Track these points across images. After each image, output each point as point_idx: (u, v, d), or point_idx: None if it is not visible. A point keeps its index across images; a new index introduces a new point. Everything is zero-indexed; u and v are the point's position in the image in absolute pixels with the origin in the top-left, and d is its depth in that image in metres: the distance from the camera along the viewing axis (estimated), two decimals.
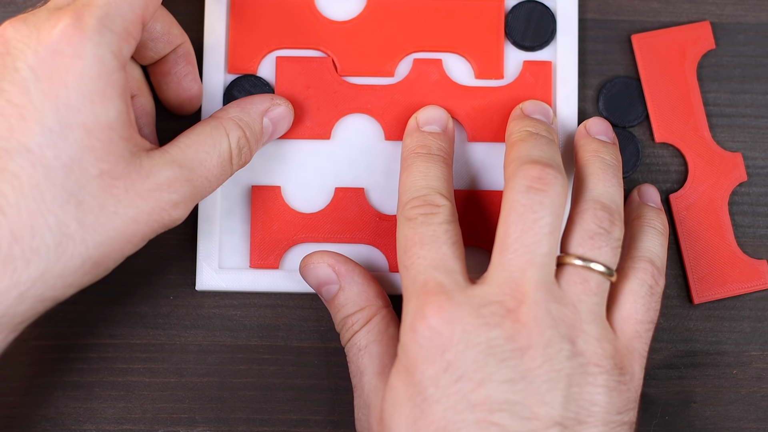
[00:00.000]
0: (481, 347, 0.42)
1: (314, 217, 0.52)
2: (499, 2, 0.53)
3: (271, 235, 0.52)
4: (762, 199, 0.53)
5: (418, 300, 0.43)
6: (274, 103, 0.50)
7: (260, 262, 0.52)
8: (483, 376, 0.42)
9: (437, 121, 0.50)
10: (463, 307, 0.43)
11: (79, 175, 0.42)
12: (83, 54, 0.42)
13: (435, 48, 0.53)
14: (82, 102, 0.42)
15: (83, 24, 0.42)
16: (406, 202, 0.46)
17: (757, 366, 0.53)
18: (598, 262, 0.45)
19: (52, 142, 0.42)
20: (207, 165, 0.46)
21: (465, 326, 0.42)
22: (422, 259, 0.44)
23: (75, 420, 0.52)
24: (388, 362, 0.46)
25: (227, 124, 0.47)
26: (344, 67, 0.53)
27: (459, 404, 0.42)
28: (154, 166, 0.44)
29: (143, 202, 0.44)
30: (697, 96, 0.53)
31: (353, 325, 0.48)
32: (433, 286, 0.43)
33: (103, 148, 0.42)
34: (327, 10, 0.53)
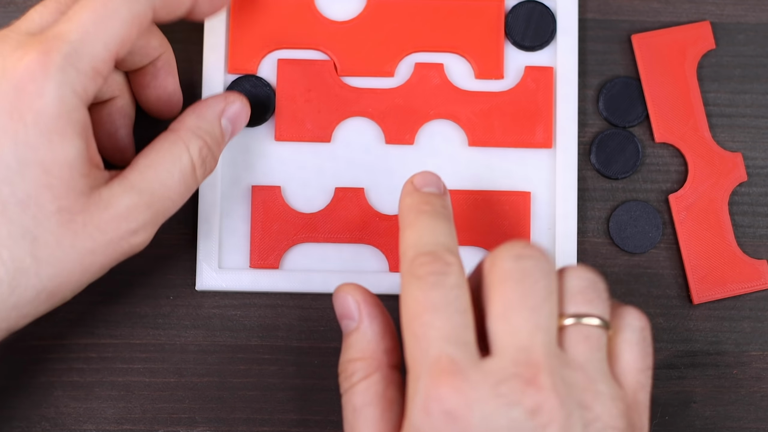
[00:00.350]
0: (503, 430, 0.39)
1: (314, 217, 0.52)
2: (499, 2, 0.53)
3: (271, 236, 0.52)
4: (762, 199, 0.53)
5: (431, 378, 0.40)
6: (228, 102, 0.48)
7: (260, 262, 0.52)
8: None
9: (435, 185, 0.47)
10: (480, 387, 0.40)
11: (36, 212, 0.42)
12: (44, 93, 0.41)
13: (435, 48, 0.53)
14: (40, 141, 0.41)
15: (48, 60, 0.41)
16: (414, 258, 0.43)
17: (757, 366, 0.53)
18: (593, 315, 0.42)
19: (9, 178, 0.41)
20: (168, 184, 0.45)
21: (484, 409, 0.40)
22: (434, 329, 0.41)
23: (75, 420, 0.52)
24: (383, 428, 0.43)
25: (186, 137, 0.46)
26: (344, 68, 0.53)
27: None
28: (113, 196, 0.43)
29: (101, 234, 0.43)
30: (697, 96, 0.53)
31: (352, 374, 0.44)
32: (446, 364, 0.40)
33: (61, 186, 0.42)
34: (327, 10, 0.53)
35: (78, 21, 0.43)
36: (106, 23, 0.43)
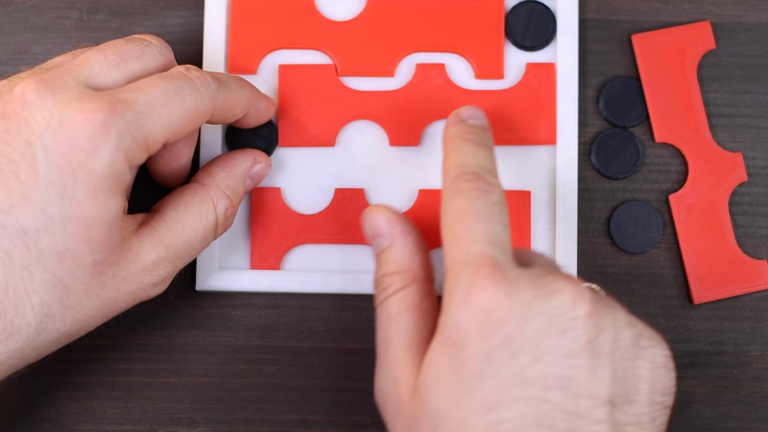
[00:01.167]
0: (543, 318, 0.41)
1: (314, 219, 0.52)
2: (499, 2, 0.53)
3: (272, 237, 0.52)
4: (762, 199, 0.53)
5: (474, 271, 0.41)
6: (256, 162, 0.50)
7: (261, 263, 0.52)
8: (542, 350, 0.41)
9: (479, 119, 0.49)
10: (521, 280, 0.41)
11: (71, 263, 0.42)
12: (100, 154, 0.42)
13: (435, 48, 0.53)
14: (87, 198, 0.42)
15: (111, 122, 0.42)
16: (458, 176, 0.45)
17: (757, 366, 0.53)
18: None
19: (50, 229, 0.42)
20: (192, 242, 0.46)
21: (525, 298, 0.41)
22: (477, 232, 0.43)
23: (75, 420, 0.52)
24: (417, 336, 0.45)
25: (215, 195, 0.47)
26: (344, 68, 0.53)
27: (512, 380, 0.41)
28: (142, 249, 0.44)
29: (126, 285, 0.44)
30: (697, 96, 0.53)
31: (388, 286, 0.46)
32: (488, 261, 0.42)
33: (99, 241, 0.42)
34: (327, 10, 0.53)
35: (147, 94, 0.43)
36: (170, 107, 0.44)
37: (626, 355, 0.42)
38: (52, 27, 0.54)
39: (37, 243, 0.42)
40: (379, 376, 0.46)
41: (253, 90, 0.49)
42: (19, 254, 0.41)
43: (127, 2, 0.54)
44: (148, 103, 0.43)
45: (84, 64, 0.44)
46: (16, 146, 0.42)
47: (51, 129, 0.41)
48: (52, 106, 0.42)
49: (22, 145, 0.41)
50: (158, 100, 0.43)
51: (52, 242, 0.42)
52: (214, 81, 0.46)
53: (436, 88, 0.52)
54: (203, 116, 0.45)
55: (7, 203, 0.41)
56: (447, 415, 0.41)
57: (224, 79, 0.47)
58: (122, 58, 0.44)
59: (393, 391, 0.45)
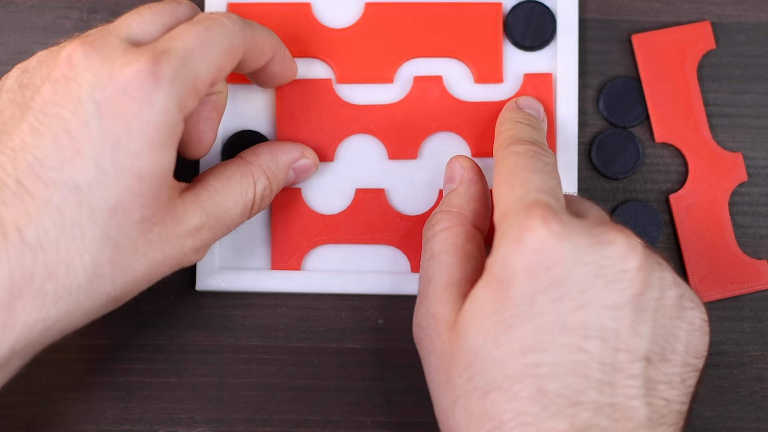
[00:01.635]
0: (592, 267, 0.41)
1: (335, 219, 0.52)
2: (497, 6, 0.53)
3: (293, 237, 0.52)
4: (762, 199, 0.53)
5: (527, 213, 0.41)
6: (303, 156, 0.50)
7: (282, 263, 0.52)
8: (586, 298, 0.41)
9: (536, 110, 0.51)
10: (574, 226, 0.41)
11: (122, 219, 0.42)
12: (153, 102, 0.42)
13: (433, 53, 0.53)
14: (141, 150, 0.42)
15: (159, 71, 0.42)
16: (513, 142, 0.46)
17: (757, 366, 0.53)
18: None
19: (103, 183, 0.41)
20: (231, 214, 0.47)
21: (577, 244, 0.41)
22: (533, 182, 0.43)
23: (75, 420, 0.52)
24: (457, 276, 0.45)
25: (256, 173, 0.48)
26: (343, 75, 0.52)
27: (552, 325, 0.40)
28: (186, 212, 0.45)
29: (171, 247, 0.44)
30: (697, 96, 0.53)
31: (436, 223, 0.47)
32: (543, 205, 0.42)
33: (150, 196, 0.42)
34: (324, 17, 0.53)
35: (184, 40, 0.44)
36: (208, 47, 0.44)
37: (668, 313, 0.42)
38: (52, 27, 0.54)
39: (89, 198, 0.41)
40: (417, 311, 0.46)
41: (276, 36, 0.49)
42: (71, 211, 0.41)
43: (127, 2, 0.54)
44: (186, 47, 0.43)
45: (122, 24, 0.44)
46: (67, 105, 0.42)
47: (101, 84, 0.42)
48: (99, 64, 0.42)
49: (72, 103, 0.42)
50: (195, 43, 0.44)
51: (105, 196, 0.41)
52: (239, 18, 0.46)
53: (434, 100, 0.52)
54: (237, 52, 0.45)
55: (59, 160, 0.41)
56: (482, 353, 0.41)
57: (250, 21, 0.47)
58: (157, 14, 0.45)
59: (431, 327, 0.45)
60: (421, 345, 0.46)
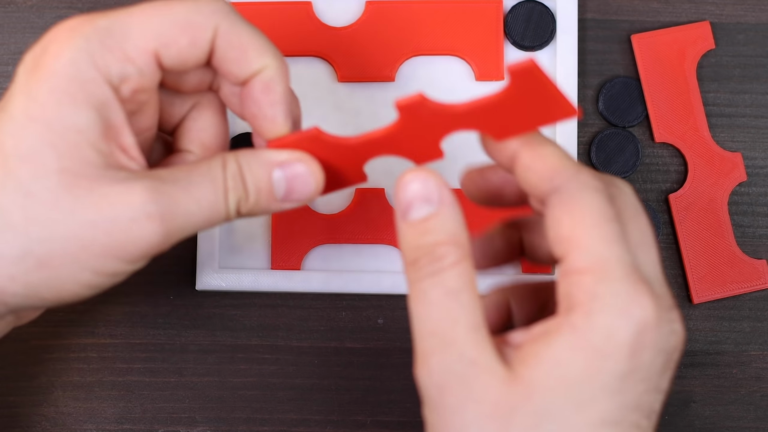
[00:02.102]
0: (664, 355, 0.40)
1: (336, 219, 0.52)
2: (498, 3, 0.53)
3: (293, 237, 0.52)
4: (761, 199, 0.54)
5: (635, 284, 0.39)
6: (293, 159, 0.43)
7: (282, 263, 0.52)
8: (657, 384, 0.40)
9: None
10: (664, 306, 0.39)
11: (35, 167, 0.41)
12: (62, 54, 0.42)
13: (434, 51, 0.53)
14: (48, 99, 0.41)
15: (79, 27, 0.42)
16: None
17: (757, 366, 0.53)
18: None
19: (14, 131, 0.41)
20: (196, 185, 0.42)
21: (662, 330, 0.39)
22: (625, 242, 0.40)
23: (75, 420, 0.52)
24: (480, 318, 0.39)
25: (226, 155, 0.43)
26: (344, 74, 0.52)
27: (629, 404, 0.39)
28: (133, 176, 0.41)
29: (109, 207, 0.40)
30: (696, 96, 0.53)
31: (443, 257, 0.39)
32: (644, 278, 0.39)
33: (66, 148, 0.41)
34: (325, 16, 0.53)
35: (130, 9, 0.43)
36: (155, 16, 0.43)
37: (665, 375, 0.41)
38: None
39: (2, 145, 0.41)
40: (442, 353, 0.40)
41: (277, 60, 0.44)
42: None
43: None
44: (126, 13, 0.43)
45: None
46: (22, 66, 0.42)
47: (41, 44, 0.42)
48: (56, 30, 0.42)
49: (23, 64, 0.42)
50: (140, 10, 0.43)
51: (16, 144, 0.41)
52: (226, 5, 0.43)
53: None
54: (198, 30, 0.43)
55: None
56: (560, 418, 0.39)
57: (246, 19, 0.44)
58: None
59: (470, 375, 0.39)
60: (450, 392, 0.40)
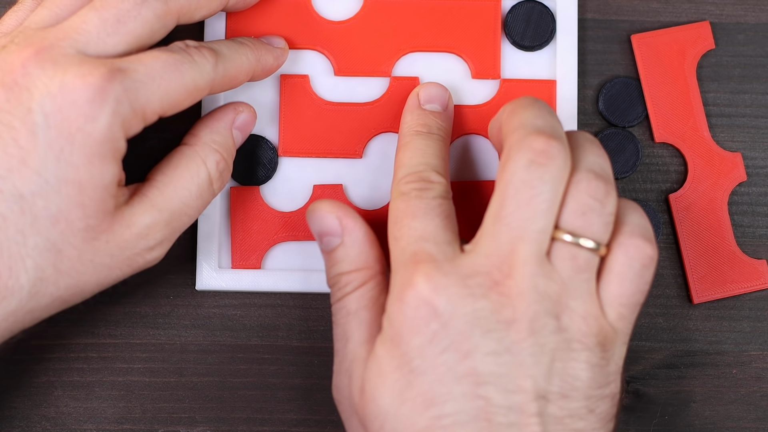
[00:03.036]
0: (467, 318, 0.42)
1: (294, 216, 0.52)
2: (496, 2, 0.53)
3: (252, 236, 0.52)
4: (762, 198, 0.54)
5: (406, 269, 0.43)
6: (238, 112, 0.49)
7: (242, 262, 0.52)
8: (469, 348, 0.42)
9: (438, 100, 0.50)
10: (451, 275, 0.43)
11: (64, 227, 0.43)
12: (98, 118, 0.42)
13: (432, 48, 0.53)
14: (82, 161, 0.42)
15: (110, 88, 0.42)
16: (402, 178, 0.46)
17: (757, 366, 0.53)
18: (587, 237, 0.43)
19: (46, 193, 0.42)
20: (186, 201, 0.46)
21: (451, 296, 0.42)
22: (413, 230, 0.44)
23: (75, 420, 0.52)
24: (375, 331, 0.46)
25: (202, 151, 0.47)
26: (341, 67, 0.53)
27: (445, 376, 0.42)
28: (134, 215, 0.45)
29: (120, 252, 0.44)
30: (696, 96, 0.53)
31: (346, 285, 0.47)
32: (422, 256, 0.43)
33: (93, 206, 0.43)
34: (324, 10, 0.53)
35: (147, 65, 0.44)
36: (169, 80, 0.44)
37: (557, 356, 0.43)
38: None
39: (32, 206, 0.42)
40: (336, 372, 0.47)
41: (256, 51, 0.49)
42: (14, 218, 0.42)
43: None
44: (147, 73, 0.43)
45: (81, 29, 0.44)
46: (17, 114, 0.42)
47: (51, 94, 0.42)
48: (53, 73, 0.42)
49: (22, 112, 0.42)
50: (158, 71, 0.44)
51: (47, 206, 0.42)
52: (212, 56, 0.46)
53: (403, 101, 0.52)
54: (201, 91, 0.46)
55: (6, 168, 0.42)
56: (392, 412, 0.43)
57: (224, 51, 0.47)
58: (120, 20, 0.44)
59: (347, 388, 0.46)
60: (341, 408, 0.46)
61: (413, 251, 0.44)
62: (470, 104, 0.52)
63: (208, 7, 0.47)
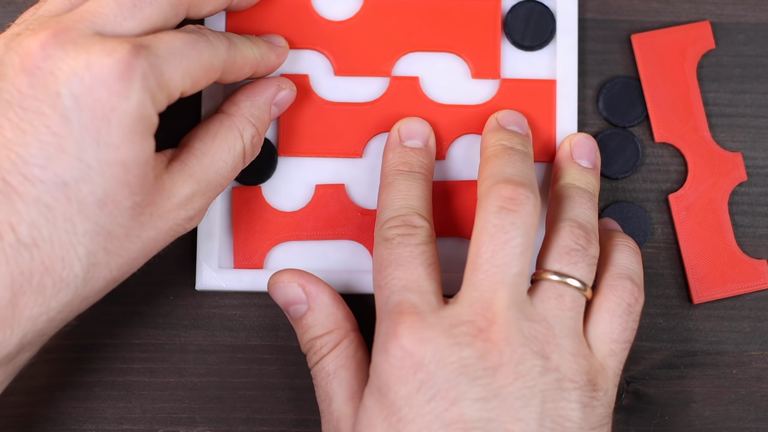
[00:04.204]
0: (453, 366, 0.42)
1: (296, 215, 0.52)
2: (496, 2, 0.53)
3: (254, 236, 0.52)
4: (762, 198, 0.53)
5: (391, 320, 0.44)
6: (280, 88, 0.50)
7: (244, 262, 0.52)
8: (456, 395, 0.42)
9: (419, 136, 0.50)
10: (435, 327, 0.43)
11: (112, 209, 0.42)
12: (130, 95, 0.41)
13: (432, 48, 0.53)
14: (122, 141, 0.42)
15: (137, 64, 0.42)
16: (385, 221, 0.47)
17: (757, 366, 0.53)
18: (573, 277, 0.45)
19: (90, 177, 0.42)
20: (222, 173, 0.47)
21: (437, 346, 0.43)
22: (396, 279, 0.45)
23: (75, 420, 0.52)
24: (357, 387, 0.46)
25: (241, 124, 0.48)
26: (341, 67, 0.53)
27: (434, 423, 0.42)
28: (174, 185, 0.45)
29: (163, 223, 0.44)
30: (696, 96, 0.53)
31: (321, 348, 0.48)
32: (405, 307, 0.44)
33: (137, 183, 0.43)
34: (324, 9, 0.53)
35: (167, 42, 0.44)
36: (189, 57, 0.44)
37: (548, 397, 0.43)
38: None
39: (77, 193, 0.42)
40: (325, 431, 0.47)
41: (260, 47, 0.49)
42: (61, 207, 0.41)
43: None
44: (168, 49, 0.43)
45: (98, 12, 0.43)
46: (45, 99, 0.41)
47: (79, 75, 0.41)
48: (75, 54, 0.41)
49: (50, 96, 0.41)
50: (178, 48, 0.44)
51: (93, 190, 0.42)
52: (225, 39, 0.46)
53: (409, 103, 0.52)
54: (216, 71, 0.46)
55: (44, 158, 0.41)
56: None
57: (234, 39, 0.47)
58: (136, 5, 0.44)
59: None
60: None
61: (397, 301, 0.44)
62: (470, 104, 0.52)
63: (215, 2, 0.47)
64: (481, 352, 0.43)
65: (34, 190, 0.41)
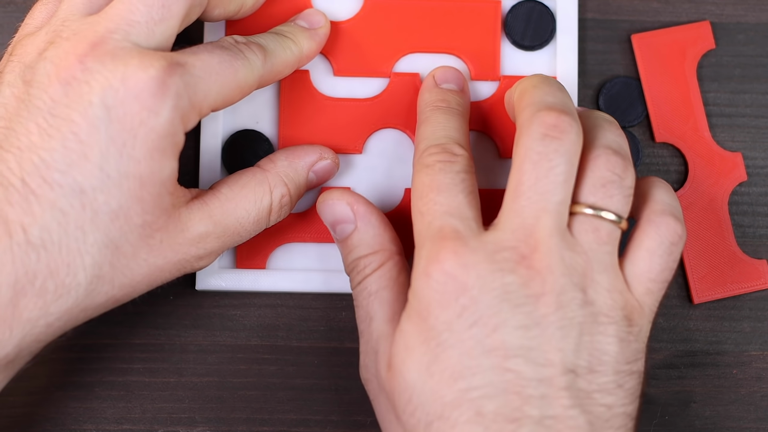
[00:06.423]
0: (496, 292, 0.42)
1: (300, 217, 0.52)
2: (496, 3, 0.53)
3: (258, 236, 0.52)
4: (762, 198, 0.54)
5: (433, 245, 0.43)
6: (322, 157, 0.50)
7: (246, 262, 0.52)
8: (498, 322, 0.42)
9: (455, 81, 0.51)
10: (478, 252, 0.43)
11: (123, 223, 0.43)
12: (161, 112, 0.42)
13: (431, 49, 0.53)
14: (144, 156, 0.42)
15: (170, 82, 0.42)
16: (425, 150, 0.46)
17: (757, 366, 0.53)
18: (609, 210, 0.44)
19: (107, 188, 0.42)
20: (243, 222, 0.47)
21: (480, 271, 0.42)
22: (438, 205, 0.44)
23: (75, 420, 0.52)
24: (398, 309, 0.46)
25: (273, 180, 0.48)
26: (341, 68, 0.52)
27: (474, 349, 0.42)
28: (191, 219, 0.45)
29: (172, 254, 0.44)
30: (697, 96, 0.53)
31: (365, 268, 0.47)
32: (448, 232, 0.43)
33: (151, 201, 0.43)
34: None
35: (204, 60, 0.44)
36: (225, 76, 0.44)
37: (585, 329, 0.43)
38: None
39: (93, 202, 0.42)
40: (362, 353, 0.47)
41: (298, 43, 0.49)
42: (74, 213, 0.42)
43: None
44: (204, 68, 0.44)
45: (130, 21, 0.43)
46: (77, 107, 0.42)
47: (114, 87, 0.42)
48: (113, 66, 0.42)
49: (83, 105, 0.42)
50: (214, 67, 0.44)
51: (107, 200, 0.42)
52: (261, 52, 0.46)
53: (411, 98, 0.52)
54: (251, 87, 0.46)
55: (66, 163, 0.42)
56: (419, 386, 0.43)
57: (270, 46, 0.47)
58: (165, 5, 0.44)
59: (373, 365, 0.46)
60: (369, 387, 0.47)
61: (439, 226, 0.43)
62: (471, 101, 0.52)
63: (225, 9, 0.48)
64: (524, 279, 0.42)
65: (52, 193, 0.42)
